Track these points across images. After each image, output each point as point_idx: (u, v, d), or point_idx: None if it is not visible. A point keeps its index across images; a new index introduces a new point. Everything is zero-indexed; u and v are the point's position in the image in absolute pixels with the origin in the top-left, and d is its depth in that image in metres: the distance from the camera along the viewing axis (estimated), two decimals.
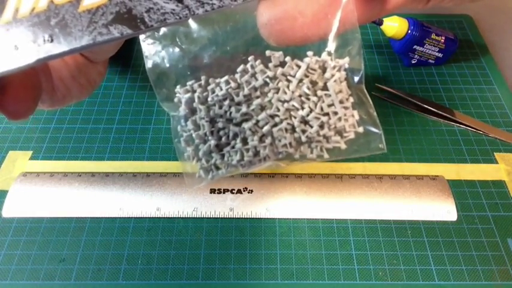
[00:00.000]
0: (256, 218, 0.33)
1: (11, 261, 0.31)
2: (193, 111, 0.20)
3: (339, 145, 0.19)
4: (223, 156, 0.20)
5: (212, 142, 0.20)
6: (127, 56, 0.45)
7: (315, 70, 0.19)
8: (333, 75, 0.18)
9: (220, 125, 0.20)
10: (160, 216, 0.33)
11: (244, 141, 0.20)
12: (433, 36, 0.41)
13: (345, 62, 0.18)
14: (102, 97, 0.41)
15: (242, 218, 0.33)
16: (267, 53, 0.19)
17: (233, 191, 0.33)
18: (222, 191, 0.33)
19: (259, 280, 0.30)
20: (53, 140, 0.38)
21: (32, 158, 0.36)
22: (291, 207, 0.33)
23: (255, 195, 0.33)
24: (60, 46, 0.13)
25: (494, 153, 0.37)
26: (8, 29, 0.13)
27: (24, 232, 0.32)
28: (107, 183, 0.34)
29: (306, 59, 0.19)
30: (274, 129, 0.19)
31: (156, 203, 0.33)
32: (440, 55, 0.43)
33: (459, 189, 0.34)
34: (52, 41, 0.13)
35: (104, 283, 0.30)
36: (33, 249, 0.31)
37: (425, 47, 0.42)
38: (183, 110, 0.20)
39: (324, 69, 0.19)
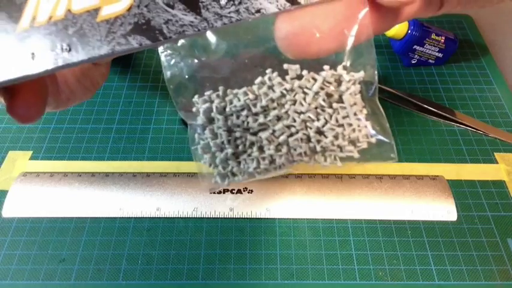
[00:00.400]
0: (256, 218, 0.33)
1: (11, 261, 0.31)
2: (210, 120, 0.21)
3: (352, 154, 0.20)
4: (239, 163, 0.21)
5: (229, 150, 0.20)
6: (127, 56, 0.45)
7: (330, 83, 0.19)
8: (348, 89, 0.19)
9: (237, 134, 0.20)
10: (160, 216, 0.33)
11: (261, 149, 0.20)
12: (433, 36, 0.41)
13: (360, 76, 0.19)
14: (102, 97, 0.41)
15: (242, 218, 0.33)
16: (285, 66, 0.19)
17: (233, 191, 0.33)
18: (222, 191, 0.33)
19: (259, 280, 0.30)
20: (53, 140, 0.38)
21: (32, 158, 0.36)
22: (291, 207, 0.33)
23: (255, 195, 0.33)
24: (78, 55, 0.13)
25: (494, 153, 0.37)
26: (25, 37, 0.13)
27: (24, 232, 0.32)
28: (107, 183, 0.34)
29: (322, 73, 0.19)
30: (290, 139, 0.20)
31: (156, 203, 0.33)
32: (440, 55, 0.43)
33: (459, 189, 0.34)
34: (70, 50, 0.13)
35: (104, 283, 0.30)
36: (33, 249, 0.31)
37: (425, 47, 0.42)
38: (201, 119, 0.21)
39: (339, 83, 0.19)
